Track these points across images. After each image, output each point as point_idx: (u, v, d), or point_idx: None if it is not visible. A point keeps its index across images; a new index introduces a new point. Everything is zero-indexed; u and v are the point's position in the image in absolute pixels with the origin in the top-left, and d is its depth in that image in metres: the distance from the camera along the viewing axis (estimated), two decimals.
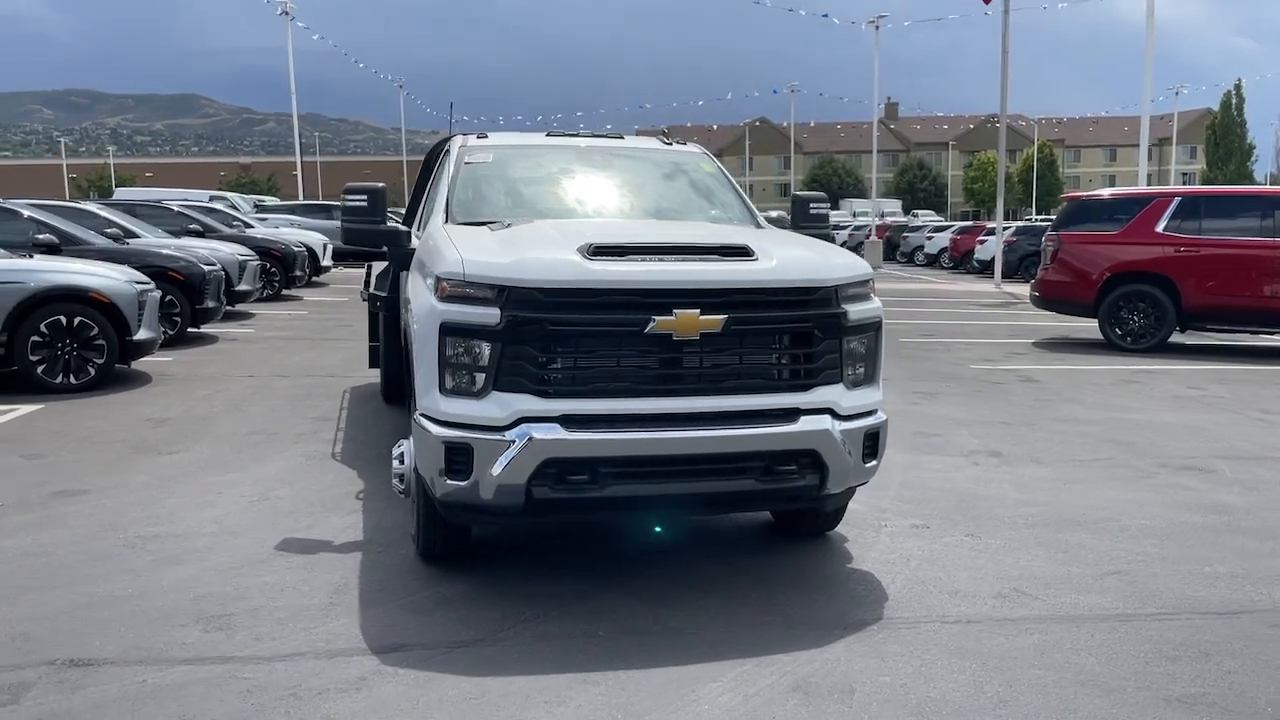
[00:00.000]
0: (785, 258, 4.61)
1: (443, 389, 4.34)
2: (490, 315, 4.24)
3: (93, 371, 9.48)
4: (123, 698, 3.57)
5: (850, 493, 5.00)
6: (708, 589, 4.68)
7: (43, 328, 9.26)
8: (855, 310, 4.63)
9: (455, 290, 4.34)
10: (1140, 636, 4.19)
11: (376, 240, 5.93)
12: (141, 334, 9.82)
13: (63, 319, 9.34)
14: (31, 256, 10.00)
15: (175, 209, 19.10)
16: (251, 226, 20.91)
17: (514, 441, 4.21)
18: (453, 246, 4.60)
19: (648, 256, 4.47)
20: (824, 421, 4.50)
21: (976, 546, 5.34)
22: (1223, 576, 4.90)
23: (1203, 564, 5.08)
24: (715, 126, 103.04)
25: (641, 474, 4.37)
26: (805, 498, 4.67)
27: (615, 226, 5.36)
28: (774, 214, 19.02)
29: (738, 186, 6.29)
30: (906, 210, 76.32)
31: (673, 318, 4.26)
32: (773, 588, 4.72)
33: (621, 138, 6.66)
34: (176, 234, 16.05)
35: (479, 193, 5.87)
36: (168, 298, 12.56)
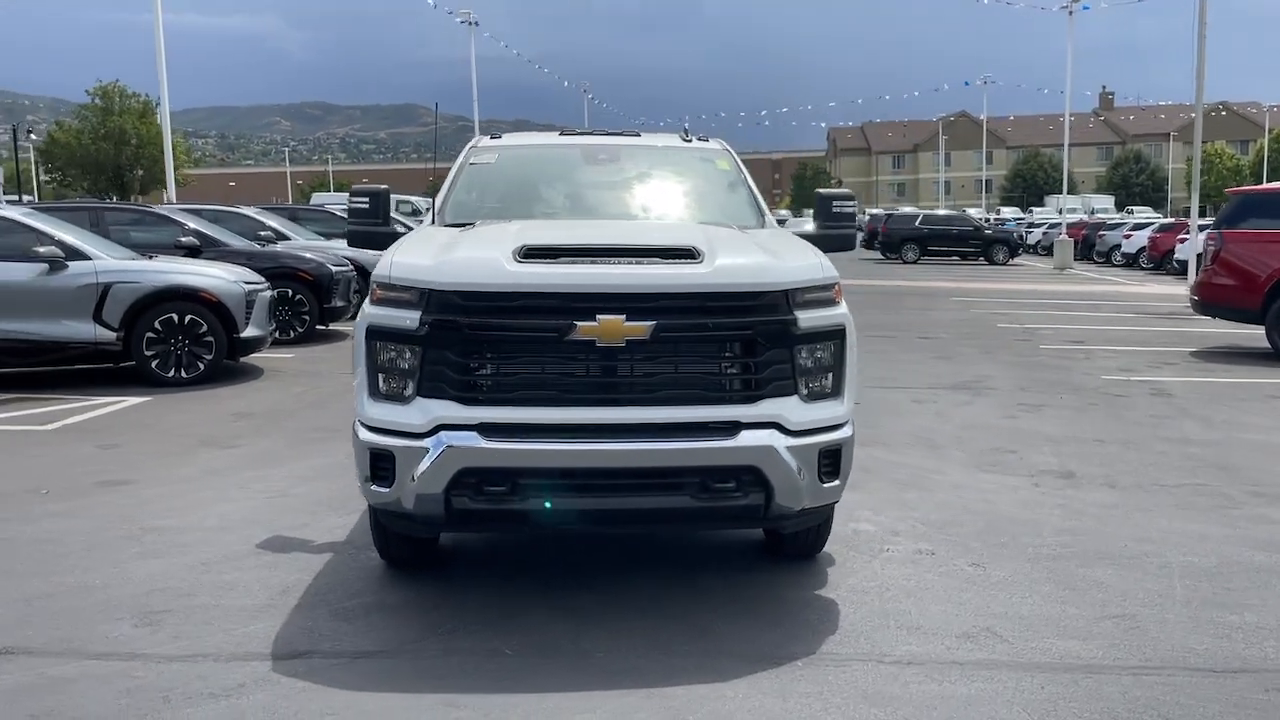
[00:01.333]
0: (731, 260, 4.31)
1: (372, 394, 4.29)
2: (412, 319, 4.16)
3: (202, 366, 10.04)
4: (13, 688, 3.69)
5: (821, 513, 4.64)
6: (648, 611, 4.44)
7: (157, 324, 9.88)
8: (809, 317, 4.28)
9: (383, 293, 4.28)
10: (1098, 693, 3.67)
11: (378, 242, 5.93)
12: (249, 331, 10.34)
13: (175, 316, 9.94)
14: (177, 256, 10.74)
15: (336, 212, 20.06)
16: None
17: (430, 450, 4.11)
18: (395, 249, 4.55)
19: (580, 259, 4.28)
20: (768, 437, 4.18)
21: (974, 578, 4.85)
22: (1245, 628, 4.26)
23: (1231, 611, 4.43)
24: (907, 121, 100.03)
25: (563, 487, 4.19)
26: (751, 518, 4.36)
27: (569, 227, 5.16)
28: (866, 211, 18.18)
29: (751, 183, 5.96)
30: (1120, 206, 71.60)
31: (595, 323, 4.05)
32: (718, 613, 4.43)
33: (638, 135, 6.45)
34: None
35: (475, 194, 5.81)
36: (297, 297, 13.24)
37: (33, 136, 54.07)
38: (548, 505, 4.17)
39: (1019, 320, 16.95)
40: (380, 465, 4.22)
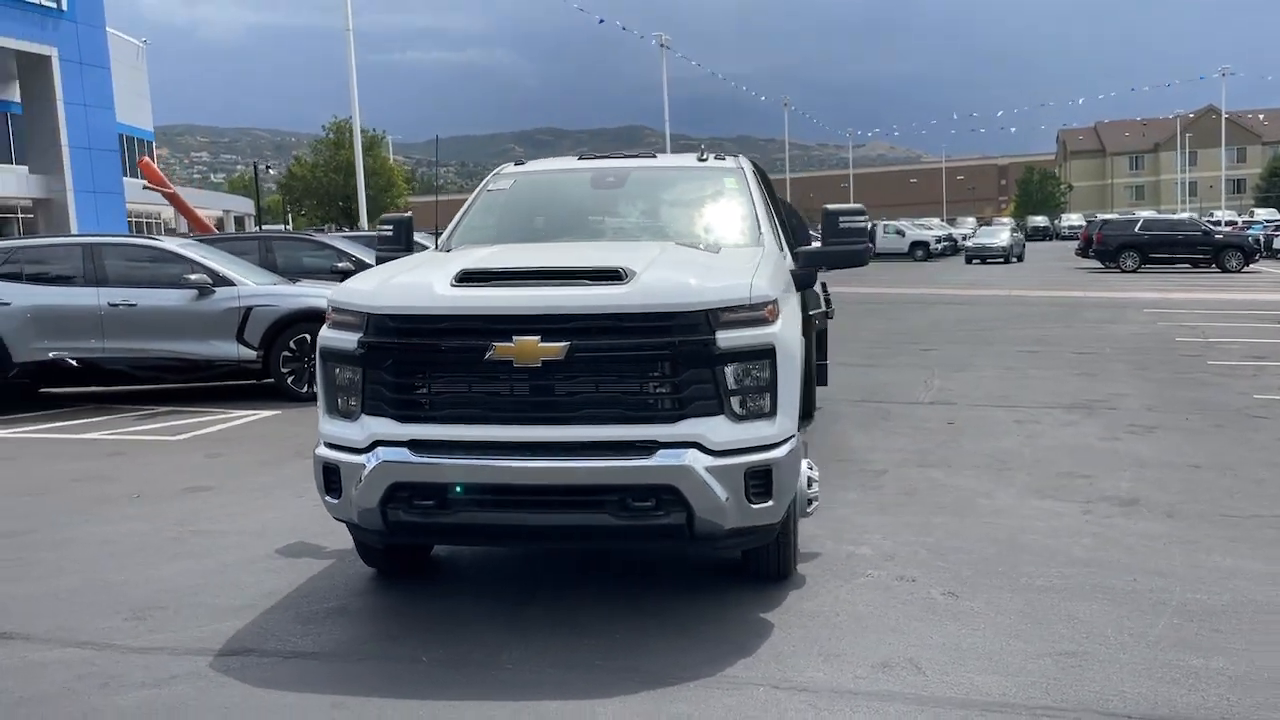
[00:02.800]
0: (653, 281, 4.35)
1: (328, 411, 4.61)
2: (353, 340, 4.44)
3: None
4: None
5: (766, 533, 4.55)
6: (586, 626, 4.51)
7: (291, 344, 10.74)
8: (731, 337, 4.26)
9: (335, 316, 4.59)
10: None
11: None
12: None
13: (307, 336, 10.75)
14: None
15: None
16: None
17: (366, 465, 4.37)
18: (362, 274, 4.86)
19: (509, 282, 4.44)
20: (685, 456, 4.19)
21: (937, 607, 4.64)
22: (1201, 673, 3.88)
23: (1200, 655, 4.04)
24: (1145, 120, 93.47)
25: (490, 502, 4.35)
26: (676, 537, 4.36)
27: (526, 250, 5.27)
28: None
29: (757, 202, 5.90)
30: None
31: (512, 344, 4.20)
32: (652, 630, 4.44)
33: (654, 157, 6.52)
34: None
35: (485, 220, 6.07)
36: None
37: (271, 171, 59.51)
38: (479, 521, 4.36)
39: (1203, 334, 15.64)
40: (330, 479, 4.53)
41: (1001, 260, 42.70)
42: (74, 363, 10.44)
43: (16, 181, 40.42)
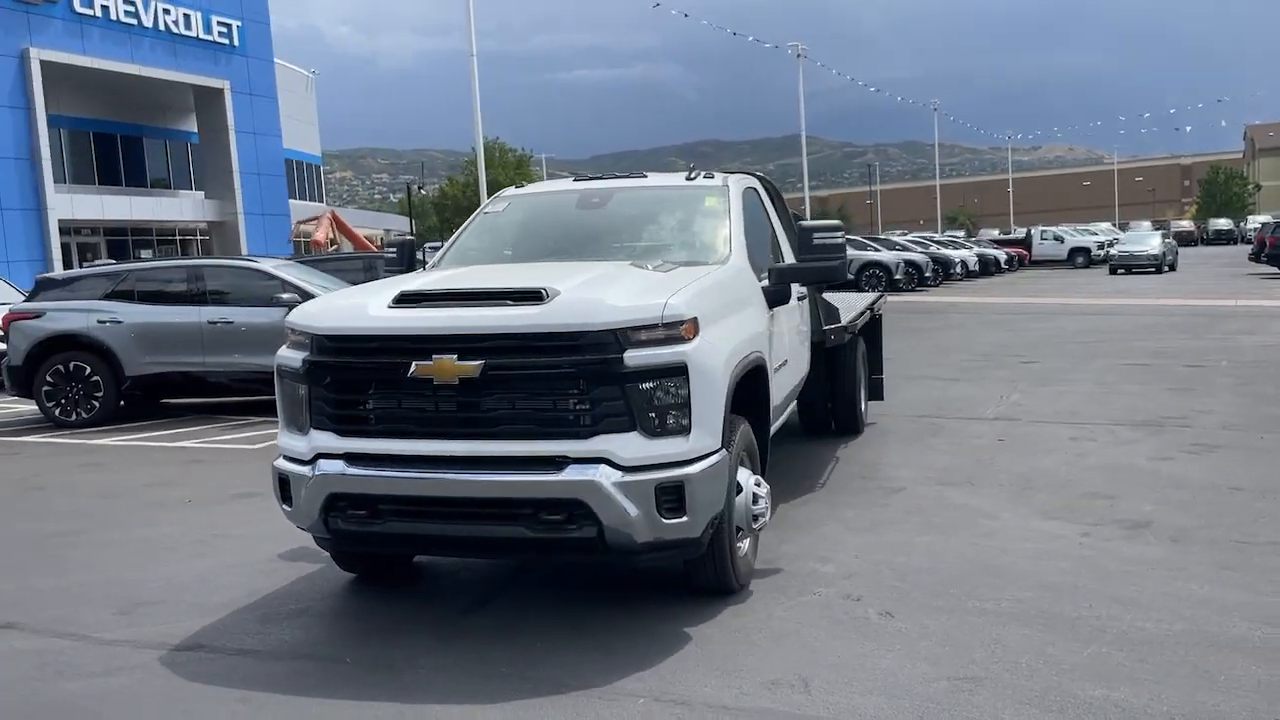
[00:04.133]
0: (569, 301, 4.49)
1: (285, 424, 4.94)
2: (299, 359, 4.77)
3: None
4: None
5: (695, 546, 4.60)
6: (516, 636, 4.65)
7: None
8: (639, 355, 4.36)
9: (291, 336, 4.93)
10: None
11: None
12: None
13: None
14: None
15: None
16: None
17: (308, 476, 4.68)
18: (324, 297, 5.19)
19: (439, 303, 4.68)
20: (593, 471, 4.32)
21: (864, 628, 4.59)
22: (1091, 704, 3.73)
23: (1106, 685, 3.87)
24: None
25: (415, 513, 4.58)
26: (589, 550, 4.48)
27: (471, 274, 5.46)
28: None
29: (734, 220, 5.93)
30: None
31: (431, 363, 4.43)
32: (571, 641, 4.55)
33: (645, 176, 6.63)
34: None
35: (477, 242, 6.33)
36: None
37: (423, 191, 62.21)
38: (406, 531, 4.62)
39: None
40: (284, 489, 4.86)
41: (1152, 270, 37.84)
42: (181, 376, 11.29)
43: (194, 206, 43.55)
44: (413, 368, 4.45)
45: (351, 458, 4.62)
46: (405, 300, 4.71)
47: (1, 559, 6.31)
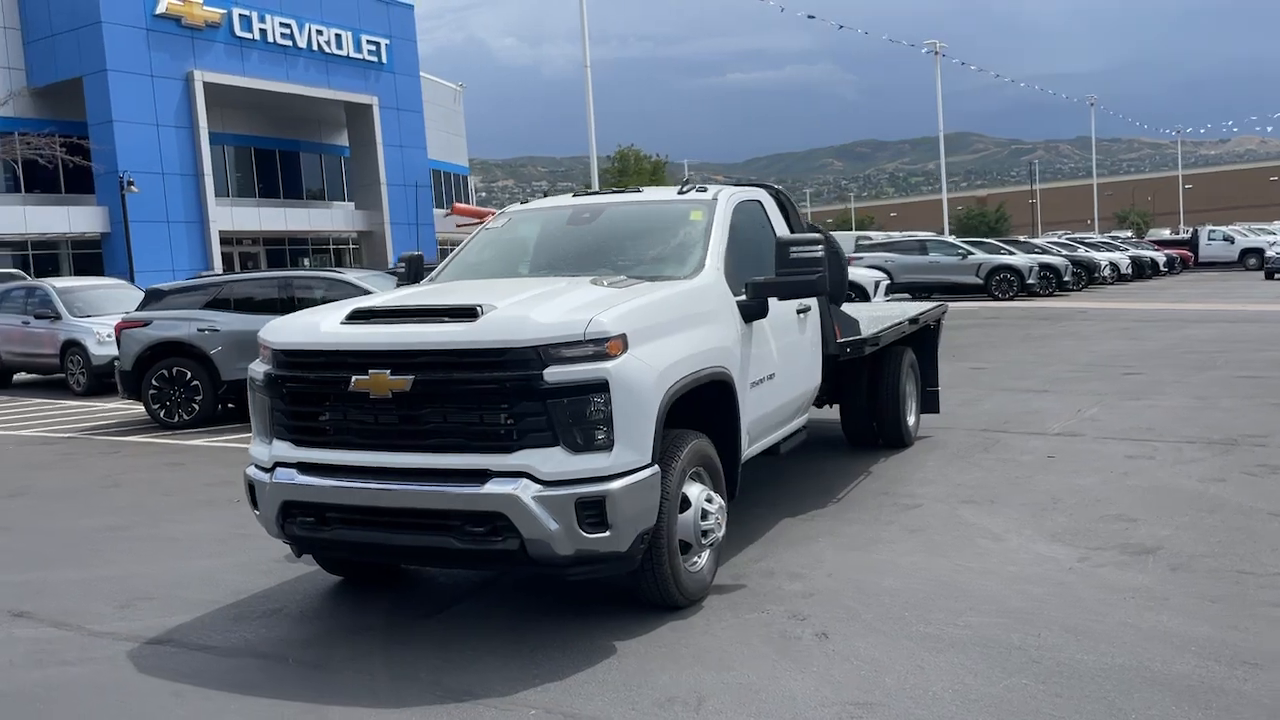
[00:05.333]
0: (497, 318, 4.60)
1: (256, 434, 5.23)
2: (262, 372, 5.04)
3: None
4: None
5: (626, 560, 4.63)
6: (445, 640, 4.80)
7: None
8: (560, 372, 4.43)
9: (262, 350, 5.21)
10: None
11: None
12: None
13: None
14: None
15: None
16: None
17: (266, 483, 4.95)
18: (296, 314, 5.46)
19: (383, 320, 4.87)
20: (513, 485, 4.42)
21: (791, 649, 4.51)
22: None
23: (1004, 716, 3.73)
24: None
25: (358, 522, 4.77)
26: (514, 561, 4.58)
27: (444, 288, 5.63)
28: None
29: (715, 235, 5.90)
30: None
31: (367, 377, 4.62)
32: (497, 650, 4.65)
33: (640, 191, 6.66)
34: None
35: (477, 257, 6.51)
36: None
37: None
38: (348, 538, 4.82)
39: None
40: (251, 494, 5.14)
41: None
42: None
43: (346, 217, 45.70)
44: (352, 382, 4.65)
45: (304, 467, 4.85)
46: (356, 316, 4.92)
47: (47, 551, 6.86)
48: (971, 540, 6.06)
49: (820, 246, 5.73)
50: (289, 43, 40.48)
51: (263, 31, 39.66)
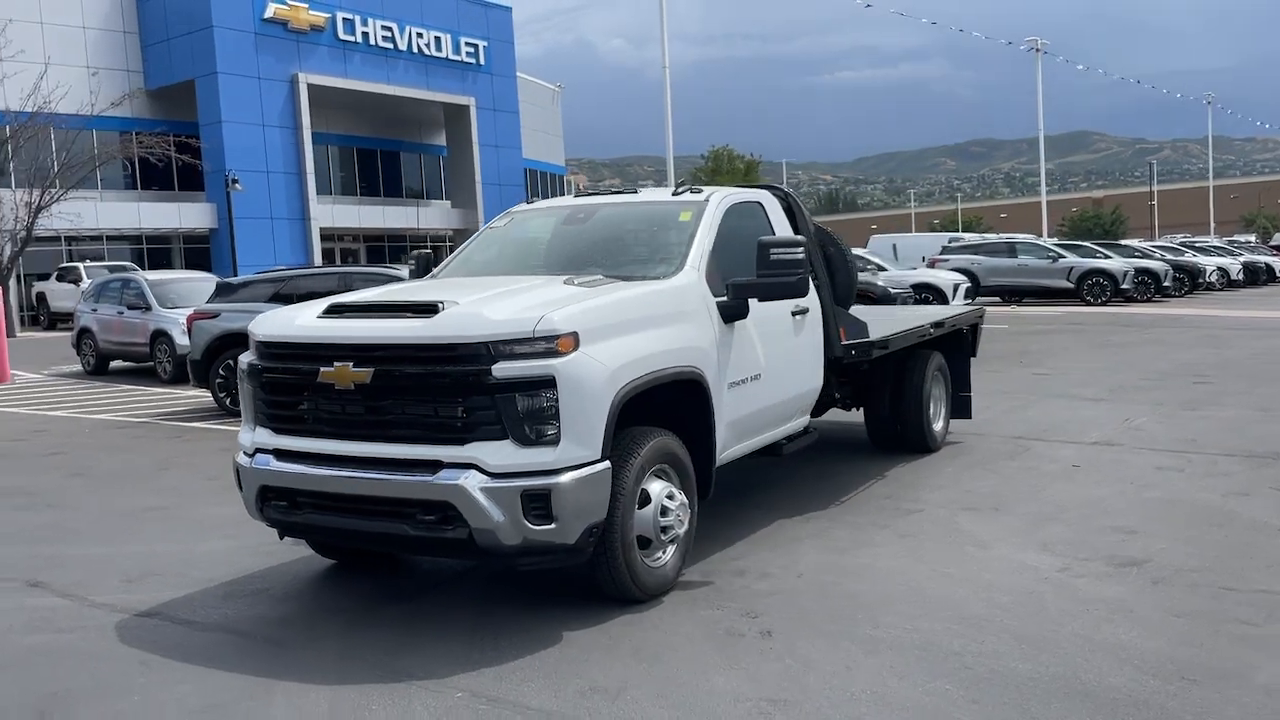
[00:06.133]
0: (453, 315, 4.76)
1: (244, 420, 5.50)
2: (248, 362, 5.31)
3: None
4: None
5: (577, 552, 4.74)
6: (411, 626, 4.99)
7: None
8: (508, 368, 4.57)
9: (250, 341, 5.47)
10: None
11: None
12: None
13: None
14: None
15: None
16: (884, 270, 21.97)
17: (247, 468, 5.22)
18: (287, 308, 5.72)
19: (354, 314, 5.08)
20: (460, 476, 4.58)
21: (730, 646, 4.56)
22: None
23: None
24: None
25: (322, 507, 5.00)
26: (464, 550, 4.74)
27: (435, 285, 5.80)
28: None
29: (699, 235, 5.96)
30: None
31: (332, 369, 4.84)
32: (455, 636, 4.81)
33: (636, 192, 6.74)
34: None
35: (481, 255, 6.70)
36: None
37: None
38: (317, 522, 5.05)
39: None
40: (238, 479, 5.41)
41: None
42: None
43: (442, 215, 46.75)
44: (320, 373, 4.87)
45: (279, 454, 5.10)
46: (331, 311, 5.14)
47: (81, 526, 7.30)
48: (959, 547, 6.00)
49: (801, 249, 5.74)
50: (390, 45, 41.63)
51: (365, 35, 40.86)
